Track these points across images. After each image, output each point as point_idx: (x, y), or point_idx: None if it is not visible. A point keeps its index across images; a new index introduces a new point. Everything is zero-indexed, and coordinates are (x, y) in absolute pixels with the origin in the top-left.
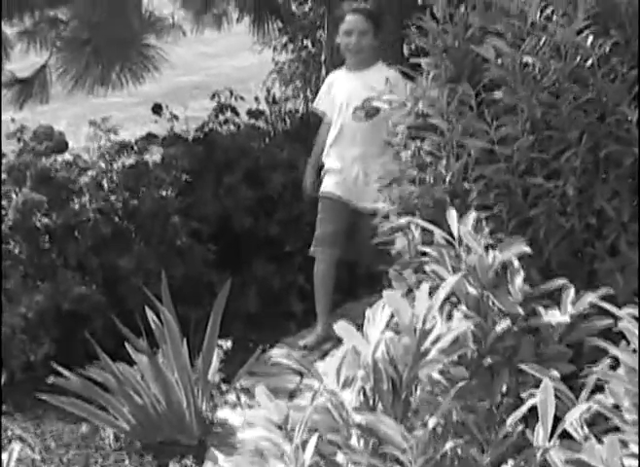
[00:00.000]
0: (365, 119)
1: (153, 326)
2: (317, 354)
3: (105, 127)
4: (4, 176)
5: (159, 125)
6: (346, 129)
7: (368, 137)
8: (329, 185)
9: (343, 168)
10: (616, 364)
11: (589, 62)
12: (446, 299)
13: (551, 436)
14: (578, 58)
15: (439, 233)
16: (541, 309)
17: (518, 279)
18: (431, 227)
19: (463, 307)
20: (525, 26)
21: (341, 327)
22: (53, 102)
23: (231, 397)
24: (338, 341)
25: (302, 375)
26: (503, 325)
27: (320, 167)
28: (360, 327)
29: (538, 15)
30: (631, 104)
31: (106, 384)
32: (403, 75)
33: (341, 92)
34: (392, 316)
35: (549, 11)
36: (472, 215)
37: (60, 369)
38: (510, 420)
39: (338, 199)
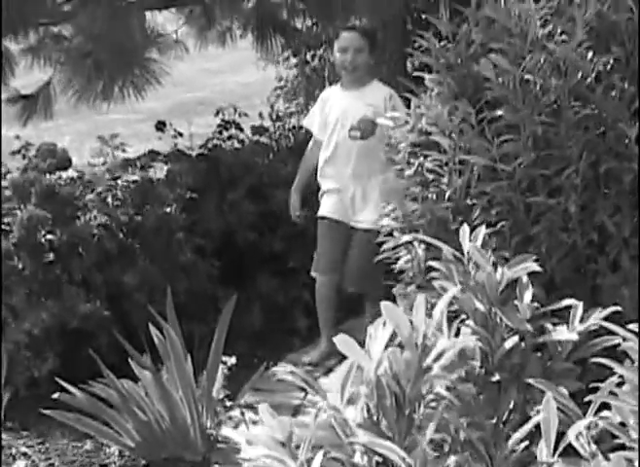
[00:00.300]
0: (360, 138)
1: (157, 342)
2: (321, 370)
3: (113, 144)
4: (9, 193)
5: (163, 142)
6: (341, 148)
7: (363, 156)
8: (326, 207)
9: (340, 188)
10: (623, 381)
11: (589, 79)
12: (455, 315)
13: (555, 451)
14: (578, 75)
15: (447, 250)
16: (549, 326)
17: (527, 296)
18: (439, 243)
19: (471, 323)
20: (525, 44)
21: (342, 340)
22: (57, 119)
23: (236, 414)
24: (343, 358)
25: (305, 391)
26: (511, 342)
27: (308, 188)
28: (363, 343)
29: (538, 32)
30: (630, 121)
31: (110, 401)
32: (406, 91)
33: (336, 111)
34: (394, 332)
35: (549, 28)
36: (482, 231)
37: (65, 385)
38: (515, 437)
39: (336, 222)
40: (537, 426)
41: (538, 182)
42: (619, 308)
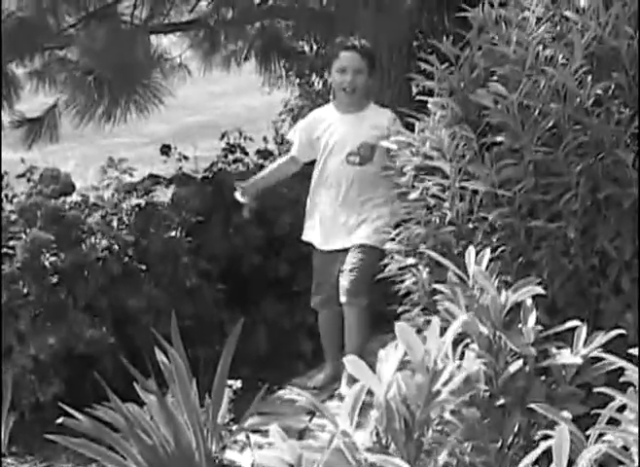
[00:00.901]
0: (359, 164)
1: (162, 366)
2: (326, 394)
3: (121, 168)
4: (15, 217)
5: (168, 165)
6: (336, 174)
7: (359, 181)
8: (318, 236)
9: (333, 216)
10: (625, 405)
11: (586, 104)
12: (460, 339)
13: None
14: (577, 100)
15: (453, 272)
16: (553, 350)
17: (531, 320)
18: (446, 263)
19: (475, 347)
20: (523, 70)
21: (352, 362)
22: (62, 142)
23: (241, 437)
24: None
25: (312, 414)
26: (515, 365)
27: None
28: (371, 365)
29: (535, 58)
30: (629, 147)
31: (115, 425)
32: (409, 116)
33: (334, 135)
34: (405, 354)
35: (547, 52)
36: (486, 255)
37: (69, 409)
38: (525, 462)
39: (329, 253)
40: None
41: (539, 207)
42: (622, 332)
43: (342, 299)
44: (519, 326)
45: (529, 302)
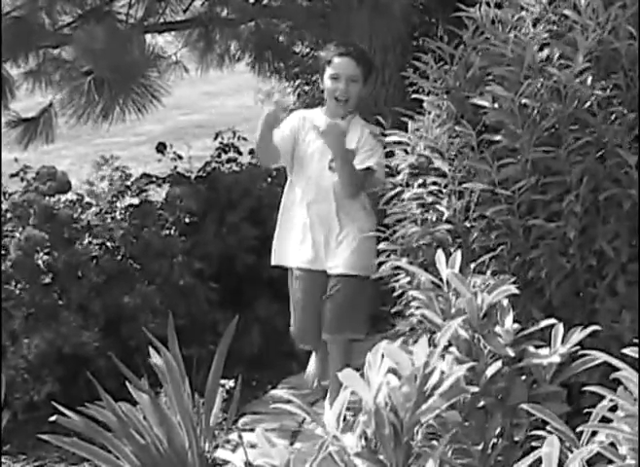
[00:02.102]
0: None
1: (155, 366)
2: (321, 393)
3: (113, 165)
4: (10, 215)
5: (162, 165)
6: (318, 180)
7: (342, 192)
8: (294, 255)
9: (312, 228)
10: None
11: (588, 104)
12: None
13: None
14: (577, 101)
15: (426, 277)
16: (531, 350)
17: (508, 320)
18: (416, 270)
19: (454, 350)
20: (522, 70)
21: (347, 375)
22: (57, 142)
23: (234, 437)
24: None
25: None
26: (494, 367)
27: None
28: (361, 368)
29: (536, 58)
30: (631, 148)
31: (108, 424)
32: (403, 115)
33: (315, 140)
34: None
35: (546, 52)
36: (458, 257)
37: (62, 408)
38: None
39: (308, 273)
40: (525, 451)
41: (537, 206)
42: (597, 328)
43: (325, 335)
44: (497, 328)
45: (505, 302)
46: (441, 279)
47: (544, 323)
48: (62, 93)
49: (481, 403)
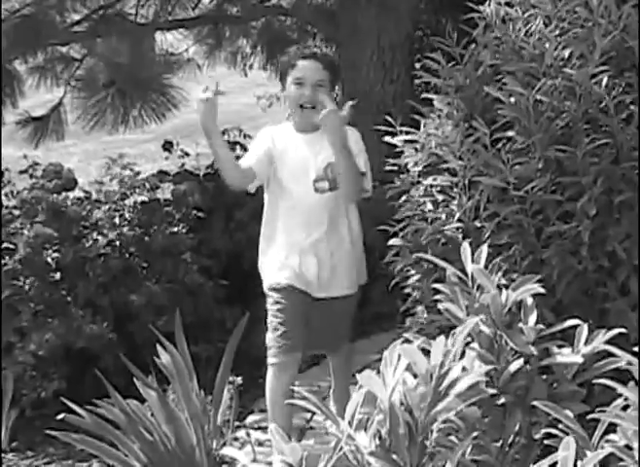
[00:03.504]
0: (329, 189)
1: (163, 363)
2: (327, 391)
3: (121, 164)
4: (17, 212)
5: (170, 162)
6: (303, 206)
7: (333, 212)
8: (280, 274)
9: (299, 261)
10: (628, 404)
11: (603, 104)
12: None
13: None
14: (592, 100)
15: (451, 271)
16: (554, 349)
17: (532, 318)
18: (443, 264)
19: (476, 346)
20: (541, 68)
21: (365, 377)
22: (65, 139)
23: (241, 434)
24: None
25: (312, 413)
26: (516, 364)
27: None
28: (373, 364)
29: (555, 55)
30: None
31: (116, 421)
32: (415, 112)
33: (291, 162)
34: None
35: (566, 52)
36: (484, 252)
37: (71, 405)
38: None
39: (298, 291)
40: (542, 449)
41: (549, 206)
42: (624, 330)
43: (329, 351)
44: (520, 325)
45: (530, 300)
46: (465, 274)
47: (567, 323)
48: (78, 99)
49: (501, 400)
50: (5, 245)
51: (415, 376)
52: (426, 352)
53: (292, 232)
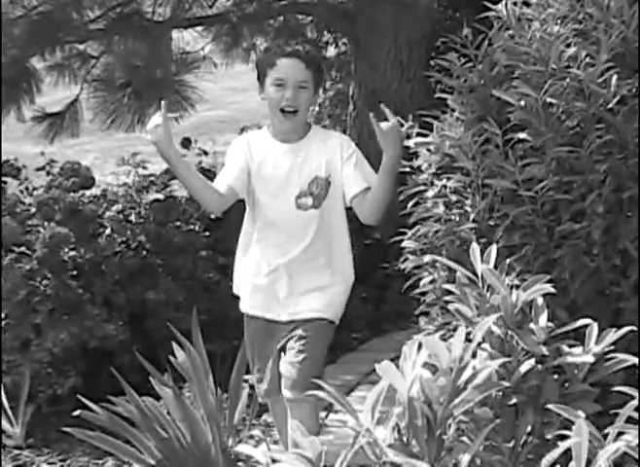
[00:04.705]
0: (313, 206)
1: (179, 360)
2: (343, 390)
3: (135, 162)
4: (33, 210)
5: (187, 160)
6: (282, 224)
7: (317, 232)
8: (253, 302)
9: (272, 277)
10: None
11: (612, 104)
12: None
13: None
14: (601, 99)
15: (462, 272)
16: (565, 348)
17: (542, 318)
18: (454, 265)
19: (487, 346)
20: (547, 69)
21: (384, 367)
22: (81, 136)
23: (257, 432)
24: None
25: (328, 410)
26: (527, 365)
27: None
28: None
29: (561, 56)
30: None
31: (132, 419)
32: (427, 115)
33: (271, 173)
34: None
35: (572, 51)
36: (493, 252)
37: (87, 402)
38: (546, 461)
39: (268, 322)
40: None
41: (561, 206)
42: (635, 329)
43: (288, 393)
44: (531, 325)
45: (540, 300)
46: (475, 275)
47: (579, 323)
48: (95, 98)
49: (513, 400)
50: (22, 249)
51: (434, 371)
52: None
53: (267, 249)
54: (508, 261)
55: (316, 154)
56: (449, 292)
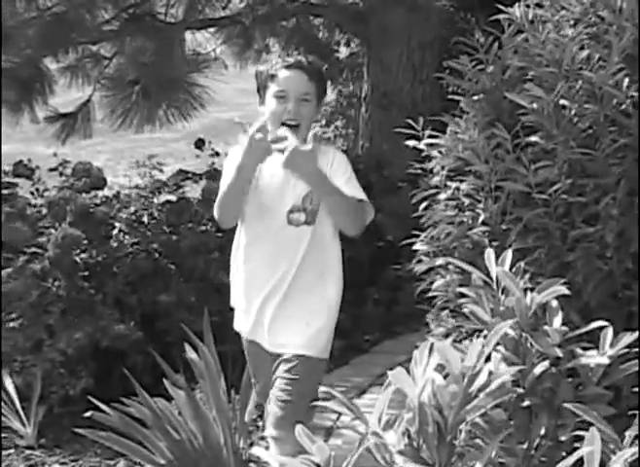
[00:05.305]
0: (305, 223)
1: (191, 362)
2: (354, 392)
3: (150, 165)
4: (45, 211)
5: (199, 161)
6: (272, 239)
7: (308, 250)
8: (240, 323)
9: (264, 298)
10: None
11: (624, 106)
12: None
13: None
14: (614, 102)
15: (477, 275)
16: (579, 351)
17: (557, 321)
18: (469, 268)
19: (501, 349)
20: (560, 72)
21: (396, 374)
22: (94, 137)
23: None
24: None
25: (339, 413)
26: (541, 367)
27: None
28: (400, 365)
29: (573, 59)
30: None
31: (144, 420)
32: (438, 121)
33: (265, 186)
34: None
35: (585, 53)
36: (509, 255)
37: (98, 403)
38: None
39: (254, 343)
40: (568, 452)
41: (574, 209)
42: None
43: (271, 430)
44: (545, 327)
45: (555, 303)
46: (490, 277)
47: (594, 325)
48: (105, 97)
49: (527, 402)
50: (33, 250)
51: (445, 376)
52: None
53: (256, 266)
54: (520, 264)
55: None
56: (463, 295)
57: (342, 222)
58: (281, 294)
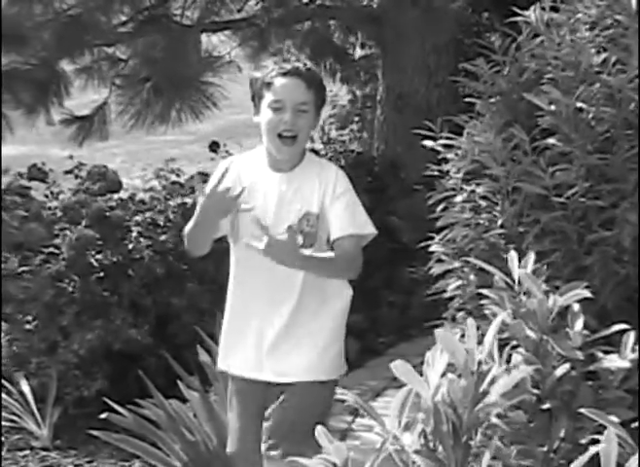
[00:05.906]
0: (303, 246)
1: (205, 364)
2: (369, 394)
3: (169, 169)
4: (60, 214)
5: (214, 163)
6: (269, 264)
7: (307, 275)
8: (235, 359)
9: (257, 327)
10: None
11: None
12: (506, 343)
13: None
14: (632, 106)
15: (499, 276)
16: (600, 354)
17: (578, 324)
18: (491, 269)
19: (522, 351)
20: (578, 75)
21: (399, 366)
22: (110, 139)
23: None
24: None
25: (354, 414)
26: (562, 369)
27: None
28: (415, 368)
29: (591, 62)
30: None
31: (158, 421)
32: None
33: (258, 206)
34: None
35: (603, 57)
36: (531, 258)
37: (113, 405)
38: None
39: (248, 382)
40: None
41: (591, 212)
42: None
43: (264, 447)
44: (566, 330)
45: (576, 306)
46: (512, 279)
47: (614, 328)
48: (119, 97)
49: (547, 405)
50: (51, 250)
51: (459, 375)
52: None
53: (253, 295)
54: (543, 267)
55: (309, 186)
56: (481, 296)
57: (338, 278)
58: (278, 323)
